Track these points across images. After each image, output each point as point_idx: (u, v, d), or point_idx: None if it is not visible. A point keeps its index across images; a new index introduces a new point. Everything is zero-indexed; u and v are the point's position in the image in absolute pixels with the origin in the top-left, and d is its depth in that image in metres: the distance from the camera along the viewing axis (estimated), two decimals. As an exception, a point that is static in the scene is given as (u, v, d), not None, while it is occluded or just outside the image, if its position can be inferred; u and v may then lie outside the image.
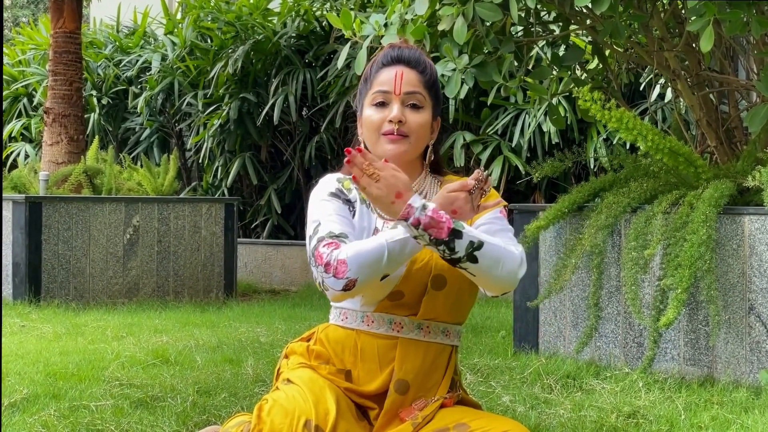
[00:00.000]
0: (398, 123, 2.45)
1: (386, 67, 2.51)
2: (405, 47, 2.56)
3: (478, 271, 2.32)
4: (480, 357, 5.05)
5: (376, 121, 2.48)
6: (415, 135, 2.47)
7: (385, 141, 2.47)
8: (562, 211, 4.90)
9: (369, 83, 2.53)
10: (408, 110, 2.47)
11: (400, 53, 2.52)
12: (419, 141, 2.49)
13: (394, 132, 2.45)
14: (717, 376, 4.48)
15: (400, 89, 2.47)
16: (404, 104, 2.47)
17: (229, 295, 8.33)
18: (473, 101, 9.17)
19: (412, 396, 2.46)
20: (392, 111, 2.46)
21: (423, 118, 2.49)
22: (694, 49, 5.36)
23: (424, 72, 2.52)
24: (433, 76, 2.54)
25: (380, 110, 2.48)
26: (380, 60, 2.53)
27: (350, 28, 5.20)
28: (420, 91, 2.49)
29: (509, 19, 4.91)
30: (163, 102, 11.44)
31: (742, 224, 4.43)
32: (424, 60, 2.54)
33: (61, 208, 7.61)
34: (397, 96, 2.46)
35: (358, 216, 2.50)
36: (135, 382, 4.34)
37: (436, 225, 2.26)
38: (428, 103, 2.51)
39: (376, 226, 2.50)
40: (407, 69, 2.50)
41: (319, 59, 10.42)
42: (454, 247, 2.27)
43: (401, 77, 2.48)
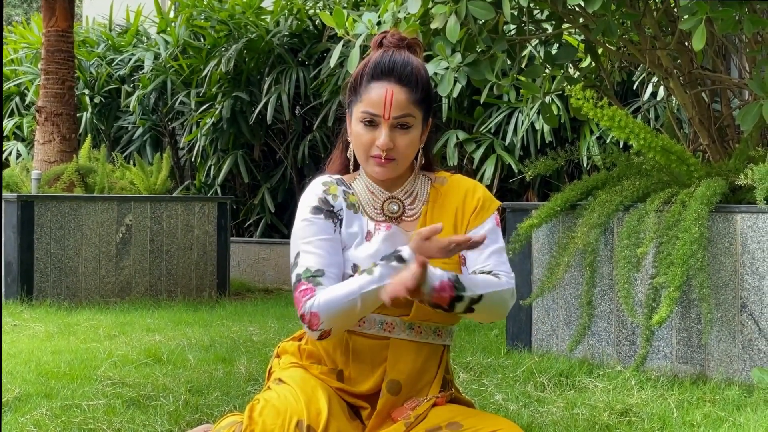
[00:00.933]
0: (386, 150, 2.45)
1: (377, 82, 2.46)
2: (394, 55, 2.50)
3: (472, 315, 2.41)
4: (473, 355, 5.05)
5: (365, 143, 2.47)
6: (403, 157, 2.48)
7: (374, 163, 2.47)
8: (554, 210, 4.90)
9: (359, 94, 2.49)
10: (397, 132, 2.45)
11: (392, 65, 2.46)
12: (407, 160, 2.50)
13: (381, 158, 2.45)
14: (709, 374, 4.48)
15: (389, 114, 2.44)
16: (394, 126, 2.46)
17: (222, 294, 8.32)
18: (466, 100, 9.17)
19: (404, 396, 2.46)
20: (381, 135, 2.44)
21: (411, 138, 2.47)
22: (686, 47, 5.36)
23: (416, 89, 2.47)
24: (425, 86, 2.49)
25: (369, 130, 2.46)
26: (371, 71, 2.48)
27: (343, 27, 5.20)
28: (410, 113, 2.46)
29: (502, 17, 4.91)
30: (156, 101, 11.42)
31: (734, 222, 4.44)
32: (416, 73, 2.48)
33: (54, 207, 7.60)
34: (386, 120, 2.44)
35: (345, 223, 2.49)
36: (127, 381, 4.33)
37: (440, 299, 2.31)
38: (418, 117, 2.48)
39: (369, 229, 2.49)
40: (397, 87, 2.45)
41: (312, 58, 10.41)
42: (454, 308, 2.34)
43: (390, 101, 2.44)
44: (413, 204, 2.54)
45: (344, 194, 2.52)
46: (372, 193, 2.53)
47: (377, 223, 2.50)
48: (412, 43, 2.55)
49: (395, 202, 2.53)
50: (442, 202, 2.55)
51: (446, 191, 2.56)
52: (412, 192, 2.55)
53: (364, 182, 2.55)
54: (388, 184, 2.54)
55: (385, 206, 2.52)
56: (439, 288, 2.29)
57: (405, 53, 2.50)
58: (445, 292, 2.31)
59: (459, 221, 2.53)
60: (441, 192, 2.56)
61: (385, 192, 2.53)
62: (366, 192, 2.54)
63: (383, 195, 2.53)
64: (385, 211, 2.52)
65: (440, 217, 2.52)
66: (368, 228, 2.49)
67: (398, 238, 2.48)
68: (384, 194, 2.53)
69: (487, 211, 2.54)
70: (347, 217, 2.50)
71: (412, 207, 2.54)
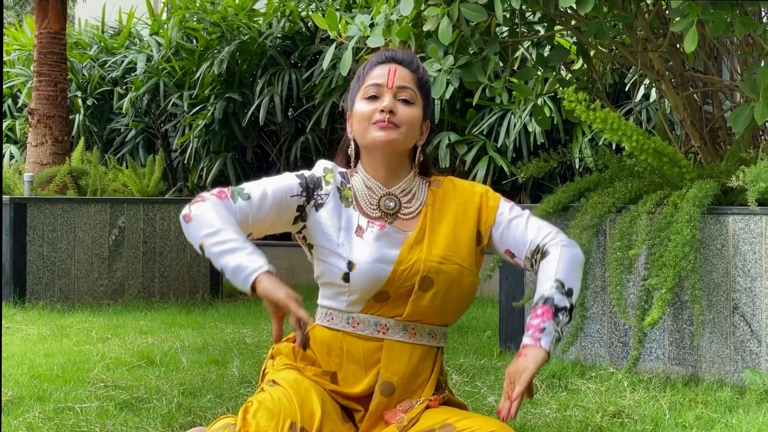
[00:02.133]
0: (389, 113, 2.47)
1: (380, 65, 2.55)
2: (398, 50, 2.62)
3: None
4: (466, 357, 5.05)
5: (367, 112, 2.50)
6: (405, 126, 2.49)
7: (375, 128, 2.48)
8: (547, 212, 4.91)
9: (362, 80, 2.56)
10: (399, 104, 2.50)
11: (394, 54, 2.57)
12: (409, 134, 2.51)
13: (385, 120, 2.47)
14: (701, 375, 4.49)
15: (393, 83, 2.50)
16: (396, 97, 2.50)
17: (215, 296, 8.31)
18: (459, 102, 9.18)
19: (397, 398, 2.46)
20: (384, 102, 2.48)
21: (414, 113, 2.51)
22: (678, 49, 5.38)
23: (417, 71, 2.56)
24: (425, 77, 2.59)
25: (372, 102, 2.51)
26: (374, 59, 2.58)
27: (336, 29, 5.21)
28: (412, 87, 2.53)
29: (494, 19, 4.92)
30: (149, 103, 11.41)
31: (726, 224, 4.45)
32: (417, 61, 2.59)
33: (46, 210, 7.59)
34: (390, 89, 2.50)
35: (331, 211, 2.50)
36: (120, 384, 4.33)
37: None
38: (419, 101, 2.54)
39: (360, 224, 2.50)
40: (400, 67, 2.54)
41: (305, 60, 10.42)
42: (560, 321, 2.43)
43: (394, 72, 2.51)
44: (410, 203, 2.55)
45: (341, 184, 2.53)
46: (369, 189, 2.54)
47: (371, 220, 2.50)
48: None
49: (392, 199, 2.54)
50: (441, 204, 2.56)
51: (444, 193, 2.58)
52: (409, 190, 2.56)
53: (362, 177, 2.56)
54: (387, 179, 2.55)
55: (381, 202, 2.53)
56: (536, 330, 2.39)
57: (410, 53, 2.63)
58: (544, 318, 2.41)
59: (461, 220, 2.54)
60: (439, 194, 2.58)
61: (382, 188, 2.54)
62: (363, 187, 2.55)
63: (380, 191, 2.54)
64: (382, 207, 2.53)
65: (440, 219, 2.53)
66: (359, 223, 2.50)
67: (392, 237, 2.49)
68: (381, 190, 2.54)
69: (493, 206, 2.57)
70: (334, 208, 2.50)
71: (408, 205, 2.55)
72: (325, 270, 2.48)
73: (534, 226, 2.55)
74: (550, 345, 2.36)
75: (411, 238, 2.48)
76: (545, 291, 2.43)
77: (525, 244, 2.52)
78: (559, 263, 2.46)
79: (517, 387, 2.31)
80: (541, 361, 2.34)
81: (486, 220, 2.56)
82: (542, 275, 2.48)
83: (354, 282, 2.43)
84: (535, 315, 2.42)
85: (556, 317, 2.40)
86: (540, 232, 2.53)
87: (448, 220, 2.53)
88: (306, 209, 2.49)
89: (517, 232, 2.54)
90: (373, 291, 2.45)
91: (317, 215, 2.49)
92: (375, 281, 2.43)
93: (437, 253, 2.46)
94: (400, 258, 2.44)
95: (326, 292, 2.52)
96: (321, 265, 2.49)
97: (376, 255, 2.44)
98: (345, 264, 2.44)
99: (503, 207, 2.58)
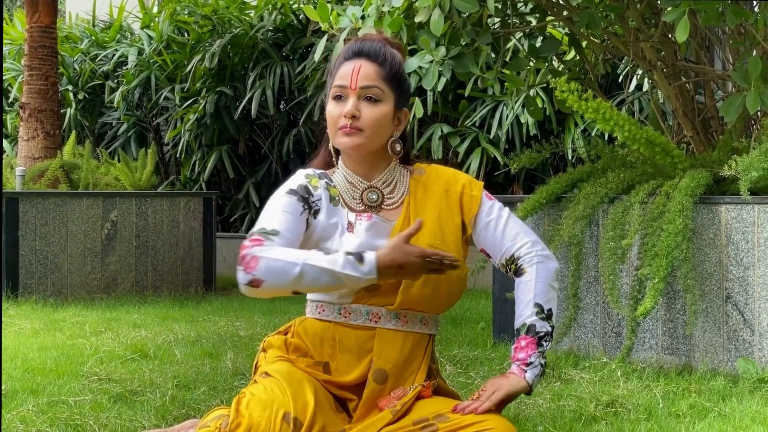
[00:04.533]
0: (351, 118, 2.47)
1: (347, 61, 2.53)
2: (369, 40, 2.56)
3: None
4: (459, 348, 5.06)
5: (334, 116, 2.51)
6: (370, 129, 2.49)
7: (341, 134, 2.50)
8: (540, 203, 4.91)
9: (332, 77, 2.56)
10: (364, 104, 2.49)
11: (361, 47, 2.54)
12: (375, 134, 2.50)
13: (347, 126, 2.47)
14: (695, 364, 4.50)
15: (356, 84, 2.49)
16: (360, 98, 2.48)
17: (208, 290, 8.31)
18: (451, 93, 9.17)
19: (390, 385, 2.47)
20: (347, 106, 2.47)
21: (379, 112, 2.49)
22: (670, 39, 5.38)
23: (384, 64, 2.52)
24: (395, 67, 2.54)
25: (338, 104, 2.51)
26: (343, 54, 2.56)
27: (327, 21, 5.20)
28: (376, 85, 2.50)
29: (486, 10, 4.92)
30: (140, 96, 11.39)
31: (718, 213, 4.46)
32: (386, 52, 2.54)
33: (38, 204, 7.58)
34: (353, 90, 2.48)
35: (325, 214, 2.50)
36: (114, 377, 4.32)
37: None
38: (388, 95, 2.51)
39: (350, 220, 2.50)
40: (366, 62, 2.51)
41: (297, 52, 10.40)
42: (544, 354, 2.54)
43: (358, 71, 2.49)
44: (392, 193, 2.56)
45: (326, 186, 2.53)
46: (351, 183, 2.55)
47: (358, 213, 2.51)
48: (394, 44, 2.60)
49: (374, 191, 2.54)
50: (423, 192, 2.56)
51: (426, 181, 2.58)
52: (390, 181, 2.57)
53: (342, 173, 2.57)
54: (366, 173, 2.55)
55: (364, 195, 2.54)
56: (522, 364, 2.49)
57: (381, 42, 2.56)
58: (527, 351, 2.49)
59: (444, 209, 2.54)
60: (421, 182, 2.58)
61: (363, 182, 2.55)
62: (345, 182, 2.56)
63: (362, 185, 2.55)
64: (365, 201, 2.53)
65: (423, 206, 2.54)
66: (349, 219, 2.51)
67: (380, 227, 2.49)
68: (363, 184, 2.55)
69: (476, 195, 2.57)
70: (327, 210, 2.51)
71: (391, 196, 2.56)
72: None
73: (511, 231, 2.56)
74: (534, 379, 2.48)
75: (397, 227, 2.49)
76: (526, 318, 2.53)
77: (501, 249, 2.56)
78: (536, 284, 2.53)
79: (486, 402, 2.42)
80: (521, 390, 2.47)
81: (469, 209, 2.56)
82: (521, 295, 2.56)
83: None
84: (519, 347, 2.51)
85: (540, 346, 2.50)
86: (516, 240, 2.55)
87: (432, 209, 2.54)
88: (309, 220, 2.51)
89: (496, 234, 2.56)
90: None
91: (316, 222, 2.51)
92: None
93: (424, 241, 2.46)
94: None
95: None
96: None
97: (363, 246, 2.44)
98: None
99: (485, 204, 2.58)
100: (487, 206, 2.58)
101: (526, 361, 2.49)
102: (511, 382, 2.48)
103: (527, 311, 2.53)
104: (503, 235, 2.56)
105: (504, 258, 2.57)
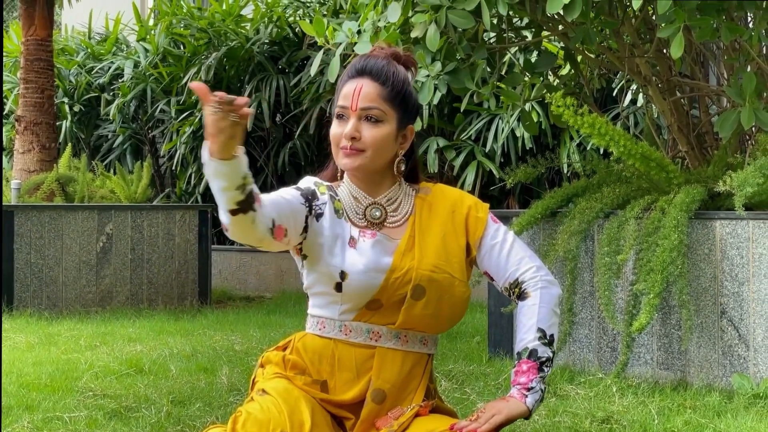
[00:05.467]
0: (351, 139, 2.47)
1: (350, 80, 2.52)
2: (374, 56, 2.55)
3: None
4: (455, 363, 5.06)
5: (336, 136, 2.50)
6: (371, 150, 2.48)
7: (342, 155, 2.49)
8: (535, 217, 4.92)
9: (337, 95, 2.55)
10: (365, 125, 2.48)
11: (364, 65, 2.52)
12: (377, 154, 2.49)
13: (347, 147, 2.47)
14: (690, 380, 4.51)
15: (356, 105, 2.47)
16: (361, 119, 2.48)
17: (204, 303, 8.30)
18: (447, 107, 9.19)
19: (389, 405, 2.46)
20: (347, 127, 2.48)
21: (380, 132, 2.48)
22: (665, 55, 5.39)
23: (386, 84, 2.50)
24: (398, 86, 2.51)
25: (340, 124, 2.50)
26: (347, 72, 2.55)
27: (323, 36, 5.20)
28: (377, 106, 2.48)
29: (482, 25, 4.93)
30: (136, 109, 11.40)
31: (713, 229, 4.47)
32: (389, 70, 2.52)
33: (34, 217, 7.57)
34: (354, 111, 2.48)
35: (328, 224, 2.50)
36: (109, 393, 4.32)
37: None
38: (390, 115, 2.50)
39: (352, 235, 2.50)
40: (369, 82, 2.49)
41: (293, 65, 10.42)
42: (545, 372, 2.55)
43: (359, 92, 2.48)
44: (396, 211, 2.55)
45: (330, 198, 2.54)
46: (355, 198, 2.55)
47: (361, 229, 2.51)
48: (404, 59, 2.58)
49: (377, 208, 2.54)
50: (429, 212, 2.56)
51: (432, 200, 2.58)
52: (395, 199, 2.56)
53: (347, 188, 2.57)
54: (371, 190, 2.55)
55: (367, 212, 2.54)
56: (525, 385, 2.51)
57: (386, 59, 2.54)
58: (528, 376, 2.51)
59: (450, 230, 2.54)
60: (427, 201, 2.58)
61: (368, 197, 2.54)
62: (349, 197, 2.55)
63: (366, 200, 2.54)
64: (368, 217, 2.53)
65: (428, 226, 2.54)
66: (352, 234, 2.50)
67: (385, 245, 2.49)
68: (367, 199, 2.54)
69: (482, 217, 2.57)
70: (331, 221, 2.50)
71: (394, 214, 2.55)
72: (318, 280, 2.48)
73: (516, 256, 2.57)
74: (534, 404, 2.50)
75: (401, 246, 2.49)
76: (529, 342, 2.53)
77: (505, 273, 2.57)
78: (540, 308, 2.54)
79: (486, 425, 2.41)
80: (520, 414, 2.49)
81: (474, 231, 2.56)
82: (523, 319, 2.55)
83: (346, 291, 2.44)
84: (521, 371, 2.52)
85: (541, 371, 2.52)
86: (521, 265, 2.56)
87: (437, 229, 2.53)
88: (308, 220, 2.49)
89: (500, 258, 2.56)
90: (365, 300, 2.45)
91: (317, 225, 2.49)
92: (367, 290, 2.43)
93: (429, 261, 2.46)
94: (393, 266, 2.45)
95: (317, 301, 2.52)
96: (313, 275, 2.49)
97: (369, 264, 2.44)
98: (338, 273, 2.44)
99: (490, 226, 2.58)
100: (492, 229, 2.58)
101: (527, 385, 2.49)
102: (510, 406, 2.48)
103: (530, 335, 2.53)
104: (508, 258, 2.56)
105: (508, 282, 2.57)
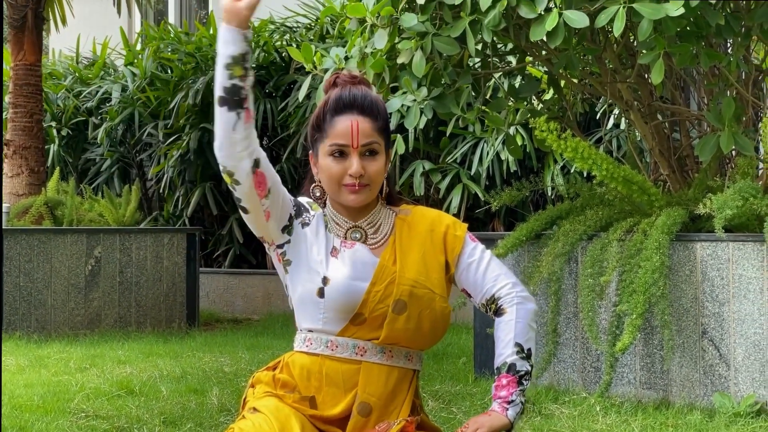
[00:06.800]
0: (359, 177, 2.53)
1: (340, 116, 2.54)
2: (352, 87, 2.57)
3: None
4: (441, 383, 5.11)
5: (336, 174, 2.54)
6: (375, 183, 2.56)
7: (347, 192, 2.54)
8: (520, 240, 4.99)
9: (324, 131, 2.56)
10: (366, 160, 2.54)
11: (352, 99, 2.55)
12: (377, 186, 2.58)
13: (356, 185, 2.54)
14: (672, 399, 4.58)
15: (358, 143, 2.52)
16: (362, 154, 2.55)
17: (192, 325, 8.33)
18: (432, 130, 9.27)
19: (375, 419, 2.52)
20: (352, 164, 2.52)
21: (380, 164, 2.56)
22: (646, 80, 5.49)
23: (377, 117, 2.56)
24: (384, 116, 2.59)
25: (339, 162, 2.53)
26: (333, 106, 2.56)
27: (311, 62, 5.29)
28: (375, 140, 2.55)
29: (467, 52, 5.02)
30: (124, 133, 11.44)
31: (694, 250, 4.55)
32: (372, 101, 2.58)
33: (22, 240, 7.61)
34: (355, 149, 2.53)
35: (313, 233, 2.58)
36: (101, 414, 4.37)
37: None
38: (382, 145, 2.57)
39: (334, 245, 2.58)
40: (362, 118, 2.54)
41: (280, 89, 10.50)
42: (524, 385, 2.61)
43: (357, 130, 2.52)
44: (376, 233, 2.63)
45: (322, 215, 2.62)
46: (336, 224, 2.62)
47: (343, 240, 2.58)
48: (363, 80, 2.66)
49: (358, 231, 2.61)
50: (408, 231, 2.63)
51: (412, 221, 2.65)
52: (375, 222, 2.63)
53: (329, 213, 2.63)
54: (353, 214, 2.62)
55: (348, 234, 2.61)
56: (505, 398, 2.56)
57: (361, 87, 2.60)
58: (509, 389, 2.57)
59: (429, 248, 2.61)
60: (407, 222, 2.65)
61: (349, 221, 2.62)
62: (331, 222, 2.63)
63: (347, 224, 2.62)
64: (348, 239, 2.61)
65: (408, 245, 2.60)
66: (334, 244, 2.58)
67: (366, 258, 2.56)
68: (348, 223, 2.62)
69: (460, 235, 2.64)
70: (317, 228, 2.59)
71: (374, 236, 2.62)
72: (301, 286, 2.54)
73: (493, 273, 2.64)
74: (515, 417, 2.56)
75: (382, 261, 2.56)
76: (507, 357, 2.61)
77: (482, 290, 2.64)
78: (516, 324, 2.61)
79: None
80: (502, 427, 2.54)
81: (452, 249, 2.63)
82: (501, 335, 2.64)
83: (329, 297, 2.50)
84: (501, 385, 2.58)
85: (520, 384, 2.58)
86: (497, 282, 2.63)
87: (417, 247, 2.61)
88: (293, 222, 2.57)
89: (477, 276, 2.63)
90: (348, 310, 2.51)
91: (303, 232, 2.57)
92: (349, 297, 2.50)
93: (410, 277, 2.53)
94: (374, 280, 2.52)
95: (302, 312, 2.58)
96: (296, 283, 2.56)
97: (350, 272, 2.52)
98: (320, 279, 2.51)
99: (468, 245, 2.65)
100: (470, 247, 2.65)
101: (507, 399, 2.56)
102: (492, 420, 2.54)
103: (507, 350, 2.60)
104: (484, 276, 2.63)
105: (485, 298, 2.64)
